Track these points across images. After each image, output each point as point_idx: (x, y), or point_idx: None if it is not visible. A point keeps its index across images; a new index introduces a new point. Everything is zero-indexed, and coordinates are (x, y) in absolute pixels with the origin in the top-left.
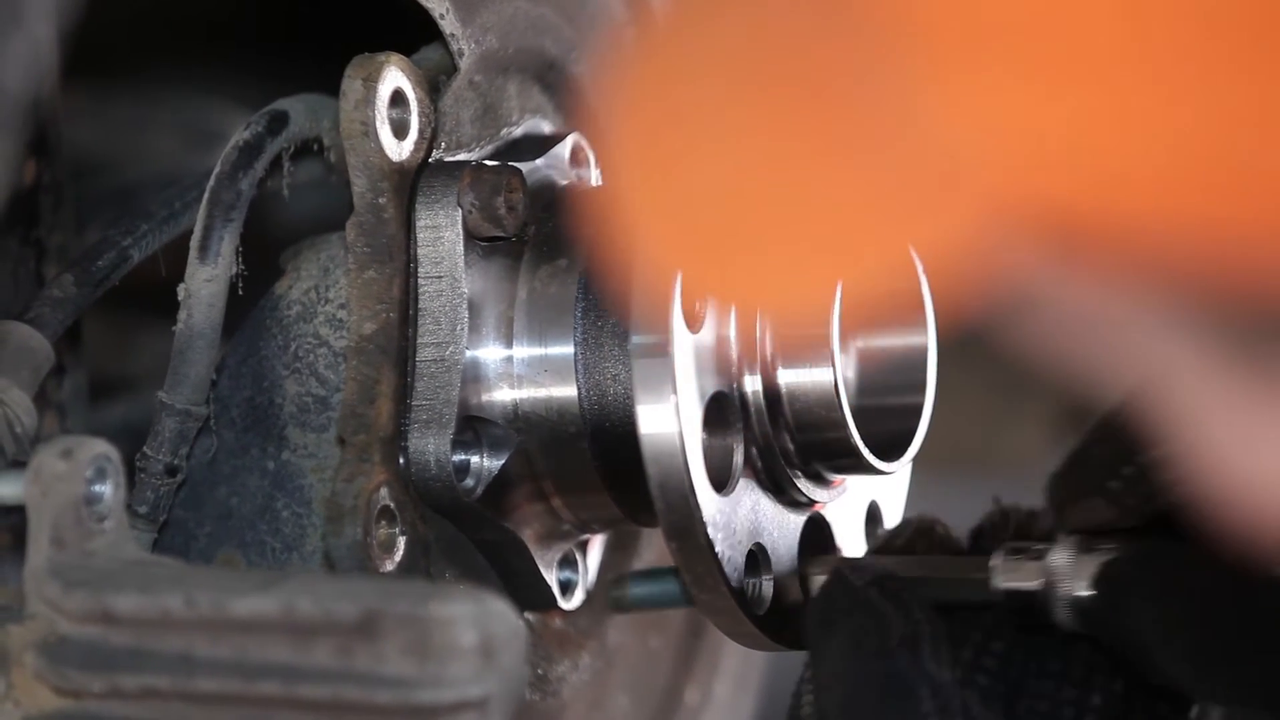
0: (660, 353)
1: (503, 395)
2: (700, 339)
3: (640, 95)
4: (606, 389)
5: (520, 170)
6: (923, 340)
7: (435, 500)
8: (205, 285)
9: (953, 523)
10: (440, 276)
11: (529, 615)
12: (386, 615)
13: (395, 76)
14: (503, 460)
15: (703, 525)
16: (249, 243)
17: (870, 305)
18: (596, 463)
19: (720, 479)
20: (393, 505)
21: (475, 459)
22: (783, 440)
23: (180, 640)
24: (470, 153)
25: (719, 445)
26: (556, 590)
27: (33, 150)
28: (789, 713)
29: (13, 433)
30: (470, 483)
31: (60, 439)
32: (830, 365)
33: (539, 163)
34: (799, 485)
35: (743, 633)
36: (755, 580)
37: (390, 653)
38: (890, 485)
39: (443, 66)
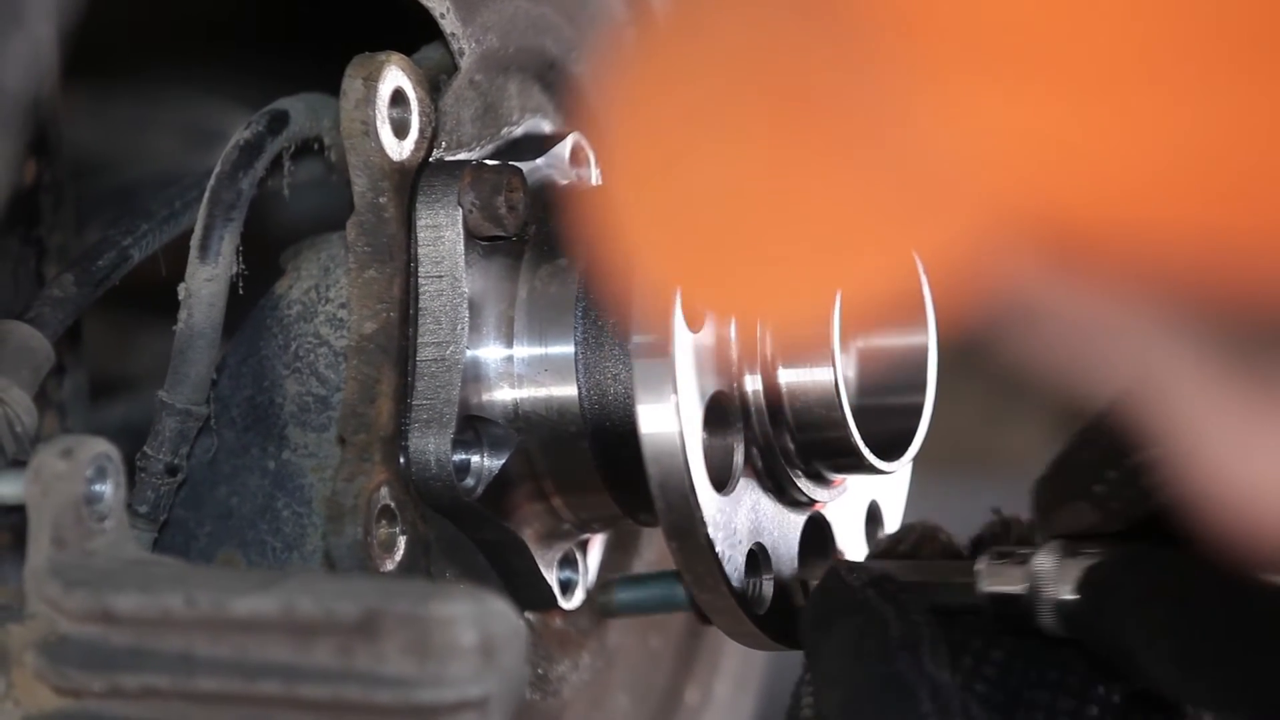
0: (661, 352)
1: (503, 395)
2: (701, 338)
3: (638, 100)
4: (607, 388)
5: (521, 170)
6: (923, 340)
7: (435, 500)
8: (206, 285)
9: (953, 523)
10: (441, 276)
11: (529, 615)
12: (387, 615)
13: (396, 76)
14: (503, 460)
15: (703, 525)
16: (249, 242)
17: (870, 308)
18: (597, 462)
19: (720, 479)
20: (393, 505)
21: (476, 458)
22: (783, 440)
23: (181, 640)
24: (471, 152)
25: (719, 445)
26: (557, 590)
27: (33, 150)
28: (788, 713)
29: (13, 432)
30: (470, 482)
31: (60, 438)
32: (830, 365)
33: (539, 162)
34: (799, 485)
35: (743, 632)
36: (755, 580)
37: (390, 652)
38: (890, 485)
39: (443, 66)
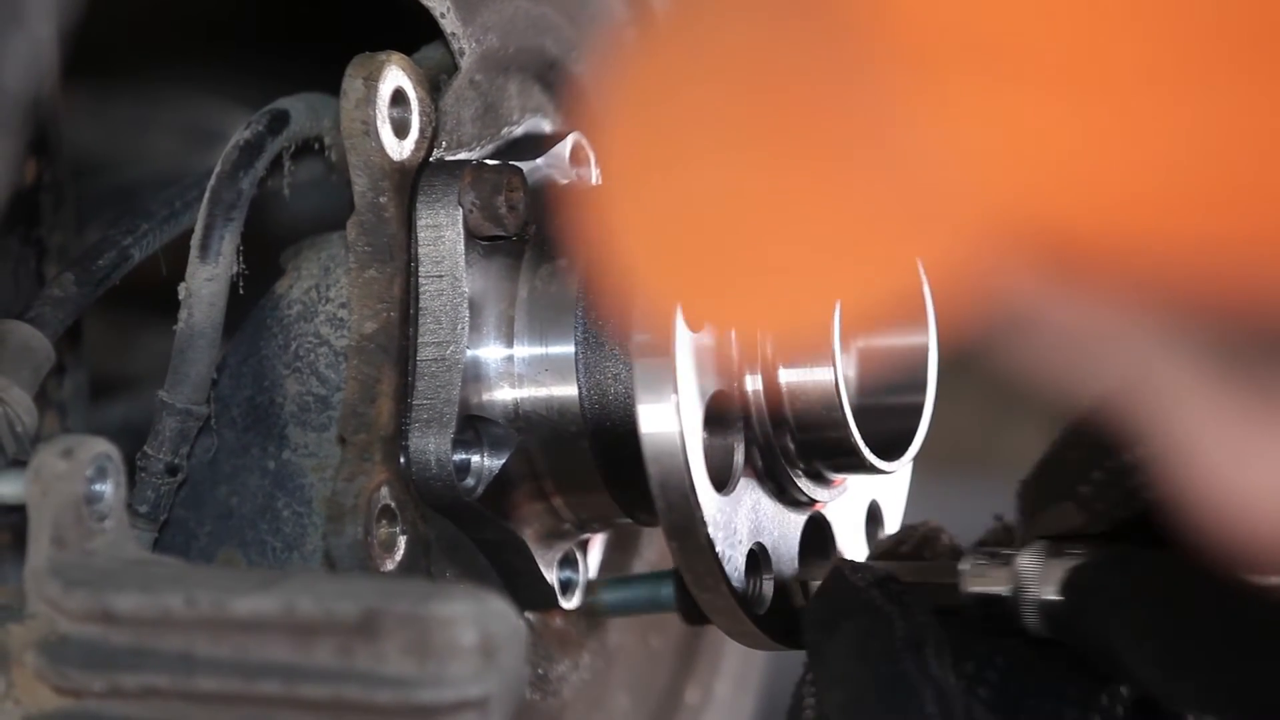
0: (661, 352)
1: (503, 394)
2: (701, 338)
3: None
4: (607, 388)
5: (521, 169)
6: (923, 340)
7: (436, 499)
8: (206, 284)
9: (953, 523)
10: (441, 275)
11: (529, 615)
12: (387, 615)
13: (396, 75)
14: (503, 459)
15: (703, 525)
16: (250, 242)
17: (870, 312)
18: (597, 462)
19: (721, 478)
20: (393, 504)
21: (476, 458)
22: (783, 439)
23: (181, 639)
24: (471, 152)
25: (719, 444)
26: (557, 590)
27: (33, 149)
28: (789, 713)
29: (13, 432)
30: (471, 482)
31: (61, 438)
32: (831, 365)
33: (540, 162)
34: (799, 485)
35: (743, 632)
36: (755, 579)
37: (391, 652)
38: (891, 485)
39: (443, 66)
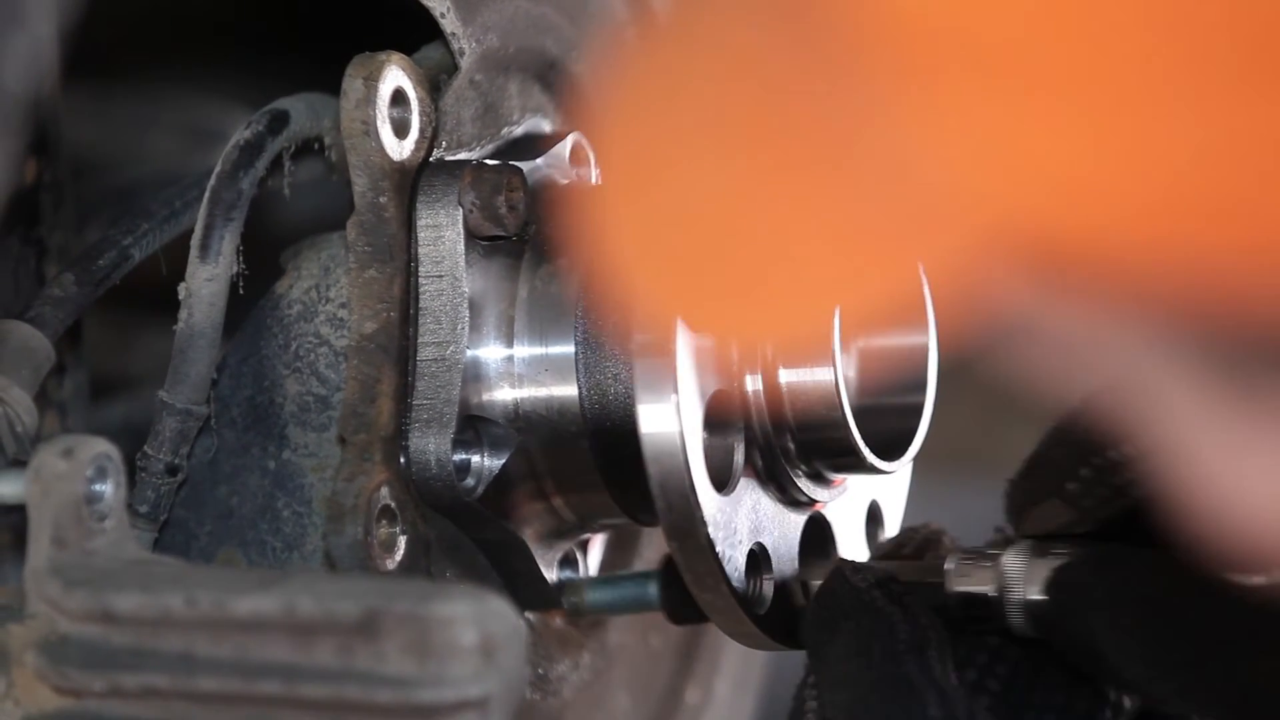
0: (662, 352)
1: (503, 394)
2: (701, 338)
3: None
4: (607, 388)
5: (521, 169)
6: (924, 340)
7: (436, 499)
8: (206, 284)
9: (953, 523)
10: (441, 276)
11: (529, 615)
12: (387, 614)
13: (396, 75)
14: (503, 459)
15: (703, 525)
16: (250, 242)
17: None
18: (597, 462)
19: (721, 478)
20: (393, 504)
21: (476, 458)
22: (783, 439)
23: (181, 639)
24: (471, 152)
25: (719, 444)
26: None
27: (33, 149)
28: (791, 715)
29: (13, 432)
30: (471, 482)
31: (61, 438)
32: (831, 365)
33: (540, 162)
34: (799, 484)
35: (743, 632)
36: (756, 579)
37: (391, 652)
38: (891, 485)
39: (443, 65)
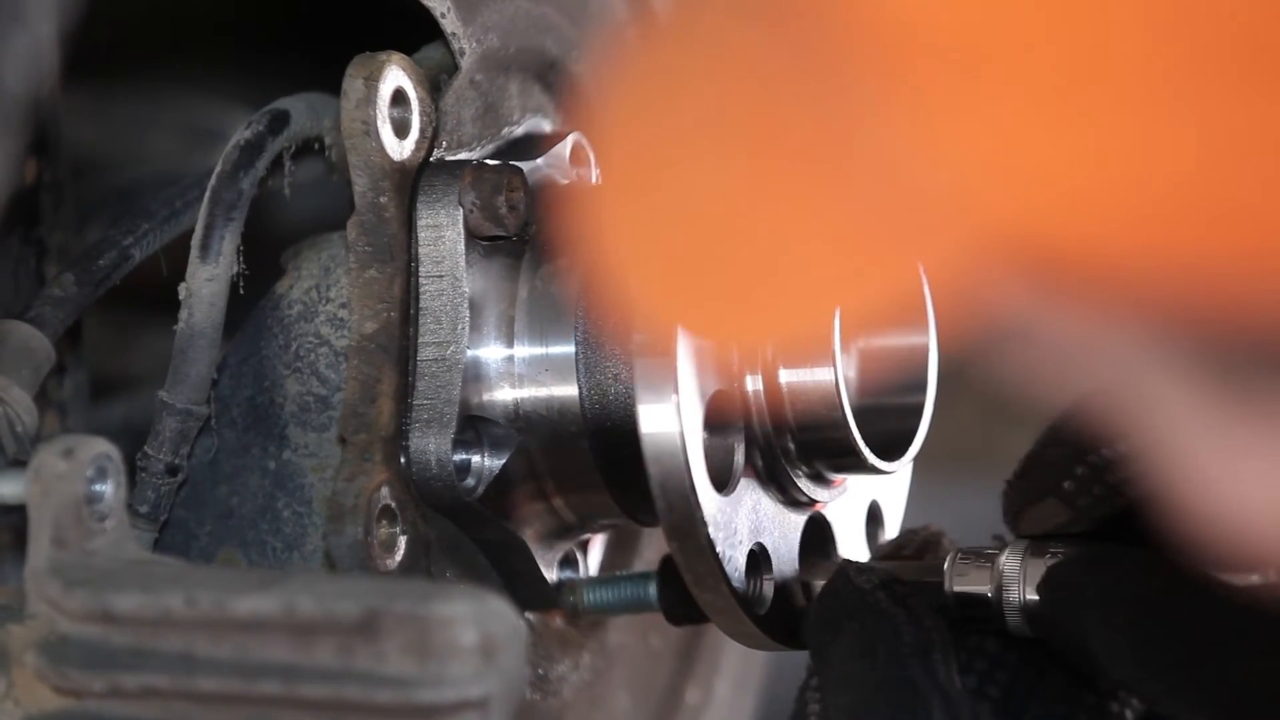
0: (662, 352)
1: (504, 394)
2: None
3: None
4: (608, 388)
5: (521, 169)
6: (924, 340)
7: (436, 499)
8: (206, 284)
9: (953, 523)
10: (441, 276)
11: (529, 615)
12: (387, 614)
13: (396, 75)
14: (504, 459)
15: (704, 525)
16: (250, 242)
17: (870, 313)
18: (597, 462)
19: (721, 479)
20: (394, 504)
21: (476, 458)
22: (784, 440)
23: (181, 639)
24: (471, 152)
25: (720, 445)
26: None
27: (34, 149)
28: (793, 716)
29: (13, 432)
30: (471, 482)
31: (61, 438)
32: (831, 365)
33: (540, 162)
34: (800, 485)
35: (743, 632)
36: (756, 580)
37: (391, 652)
38: (891, 485)
39: (444, 66)
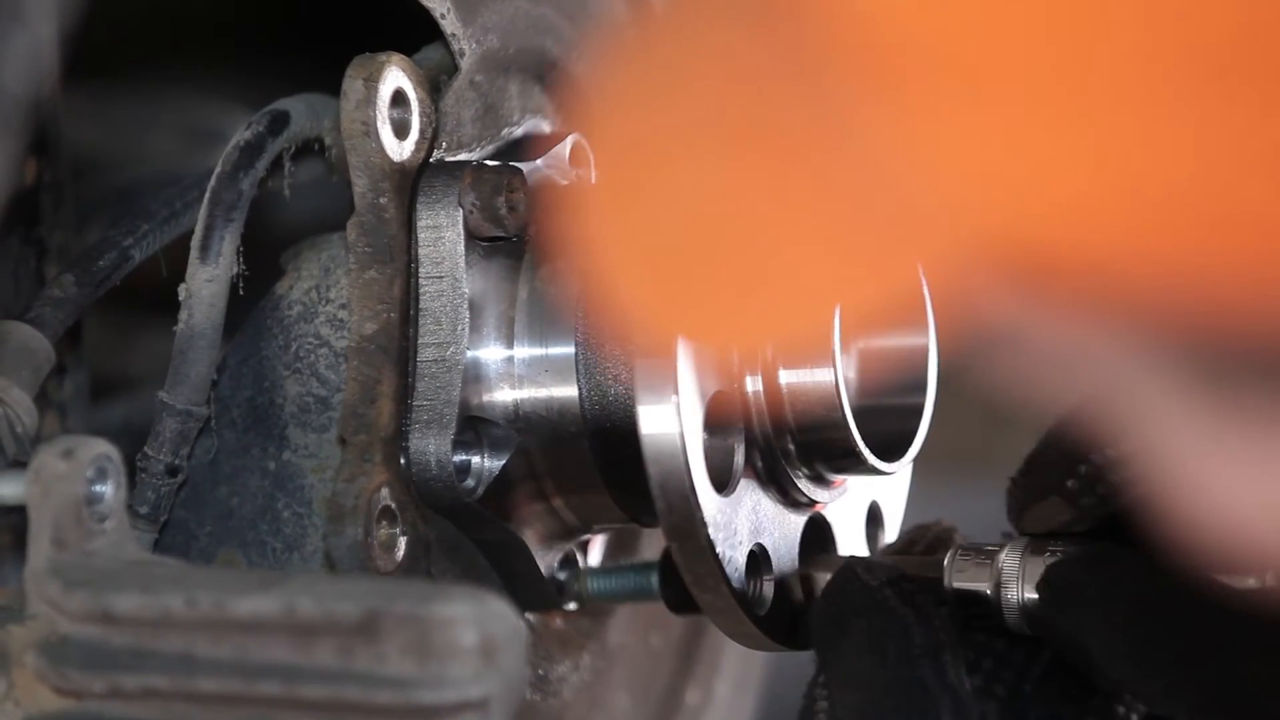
0: (662, 353)
1: (504, 395)
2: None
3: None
4: (607, 389)
5: (521, 170)
6: (924, 340)
7: (436, 500)
8: (206, 285)
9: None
10: (441, 276)
11: (530, 615)
12: (387, 615)
13: (396, 76)
14: (503, 460)
15: (704, 526)
16: (250, 243)
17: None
18: (597, 463)
19: (721, 479)
20: (394, 505)
21: (476, 459)
22: (784, 440)
23: (181, 640)
24: (471, 153)
25: (720, 445)
26: (557, 591)
27: (34, 149)
28: (800, 715)
29: (13, 433)
30: (471, 483)
31: (61, 439)
32: (831, 365)
33: (540, 163)
34: (800, 485)
35: (743, 633)
36: (756, 580)
37: (391, 653)
38: (891, 485)
39: (444, 66)
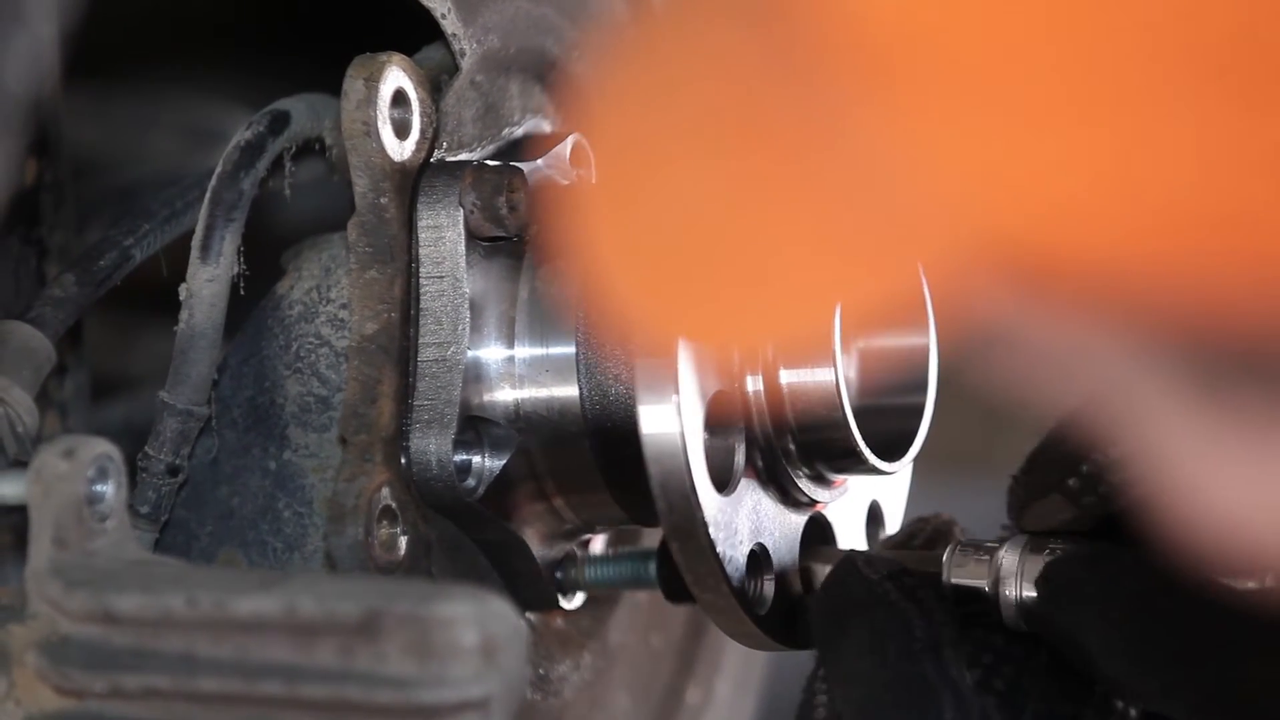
0: (662, 352)
1: (504, 395)
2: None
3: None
4: (608, 389)
5: (522, 170)
6: (924, 340)
7: (437, 500)
8: (207, 285)
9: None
10: (442, 276)
11: (530, 615)
12: (388, 615)
13: (397, 76)
14: (504, 460)
15: (704, 525)
16: (250, 242)
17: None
18: (598, 463)
19: (722, 479)
20: (394, 505)
21: (477, 459)
22: (784, 440)
23: (182, 640)
24: (472, 152)
25: (720, 445)
26: (558, 590)
27: (34, 150)
28: (800, 709)
29: (14, 432)
30: (472, 483)
31: (62, 439)
32: (832, 365)
33: (540, 162)
34: (800, 485)
35: (744, 633)
36: (756, 580)
37: (391, 653)
38: (891, 485)
39: (444, 66)
